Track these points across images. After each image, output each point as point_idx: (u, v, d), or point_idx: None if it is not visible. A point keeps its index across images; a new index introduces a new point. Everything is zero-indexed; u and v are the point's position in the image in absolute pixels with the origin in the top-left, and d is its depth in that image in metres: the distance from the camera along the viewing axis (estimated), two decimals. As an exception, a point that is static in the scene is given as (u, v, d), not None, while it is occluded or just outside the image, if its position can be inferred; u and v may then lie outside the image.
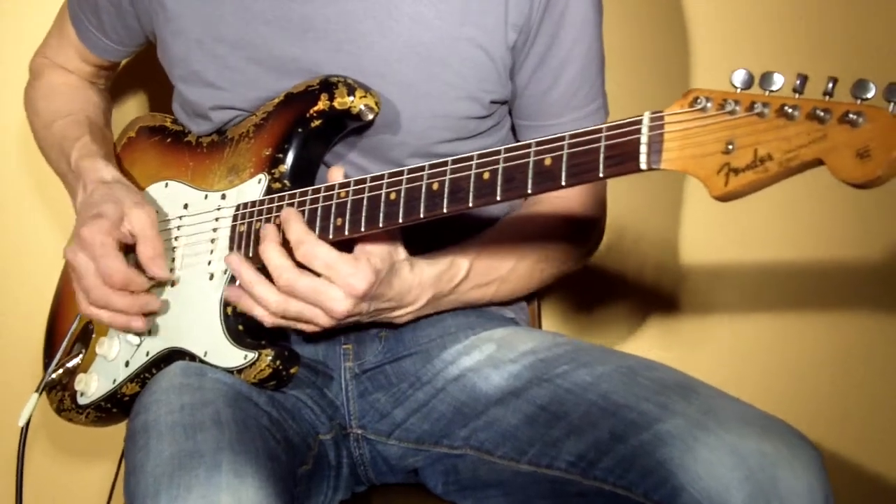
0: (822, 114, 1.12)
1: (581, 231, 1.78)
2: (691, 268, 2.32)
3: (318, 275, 1.50)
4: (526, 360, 1.63)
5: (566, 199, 1.75)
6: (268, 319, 1.54)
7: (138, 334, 1.70)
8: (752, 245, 2.30)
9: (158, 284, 1.68)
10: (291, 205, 1.56)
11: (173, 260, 1.70)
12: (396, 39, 1.63)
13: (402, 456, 1.71)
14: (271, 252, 1.52)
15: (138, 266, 1.65)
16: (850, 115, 1.10)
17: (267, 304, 1.52)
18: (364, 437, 1.73)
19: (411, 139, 1.66)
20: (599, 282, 2.30)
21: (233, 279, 1.61)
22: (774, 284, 2.33)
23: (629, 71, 2.02)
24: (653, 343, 2.29)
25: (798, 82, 1.16)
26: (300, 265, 1.51)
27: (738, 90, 1.19)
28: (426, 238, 1.65)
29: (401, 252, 1.55)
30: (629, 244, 2.26)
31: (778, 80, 1.18)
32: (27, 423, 1.75)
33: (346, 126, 1.64)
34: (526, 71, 1.69)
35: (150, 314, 1.67)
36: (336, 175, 1.54)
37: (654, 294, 2.34)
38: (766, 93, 1.17)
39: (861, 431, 2.34)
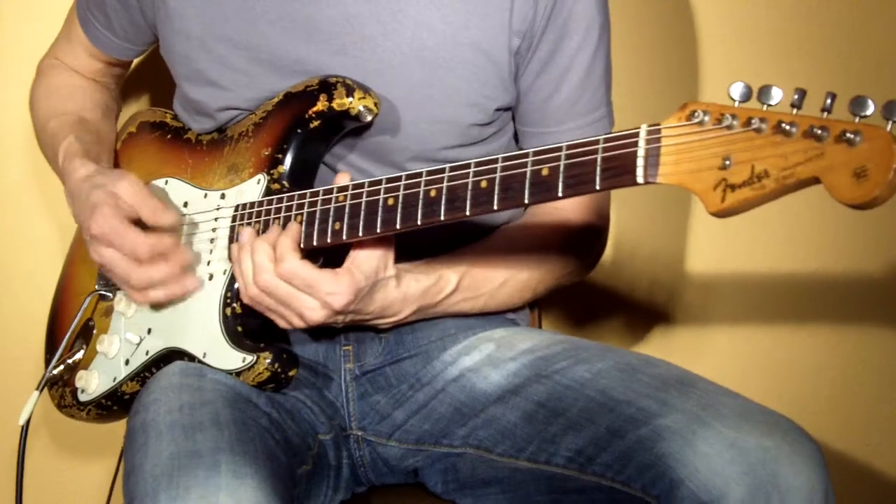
0: (819, 131, 1.10)
1: (580, 243, 1.76)
2: (692, 278, 2.32)
3: None
4: (525, 358, 1.63)
5: (565, 210, 1.74)
6: (244, 298, 1.56)
7: (138, 334, 1.70)
8: (752, 255, 2.30)
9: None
10: (290, 207, 1.56)
11: None
12: (400, 42, 1.62)
13: (403, 457, 1.71)
14: (260, 250, 1.52)
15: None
16: (848, 134, 1.08)
17: (244, 287, 1.54)
18: (364, 438, 1.73)
19: (412, 143, 1.65)
20: (600, 294, 2.30)
21: (233, 280, 1.61)
22: (775, 293, 2.33)
23: (632, 77, 2.01)
24: (654, 352, 2.28)
25: (796, 97, 1.14)
26: None
27: (737, 104, 1.18)
28: (427, 241, 1.64)
29: (389, 268, 1.54)
30: (630, 256, 2.26)
31: (776, 95, 1.16)
32: (28, 421, 1.75)
33: (344, 127, 1.63)
34: (528, 77, 1.67)
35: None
36: (342, 180, 1.53)
37: (655, 304, 2.34)
38: (765, 107, 1.16)
39: (862, 434, 2.35)
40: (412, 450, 1.70)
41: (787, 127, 1.12)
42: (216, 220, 1.66)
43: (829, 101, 1.12)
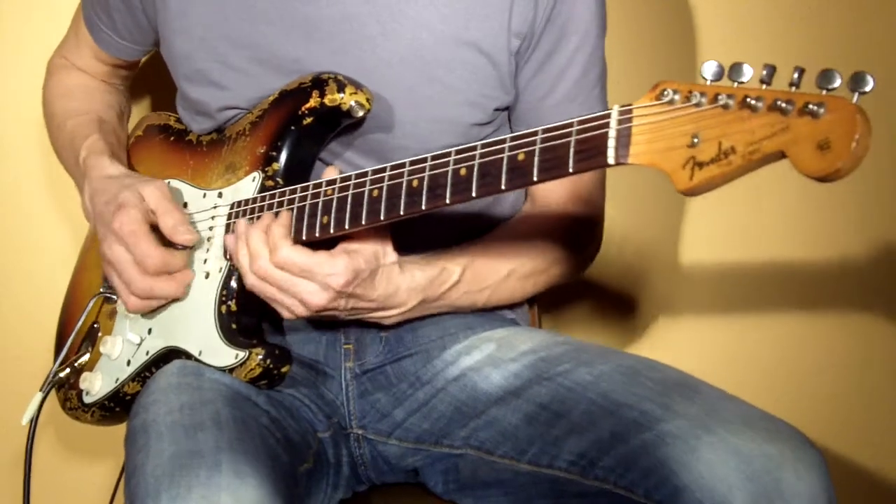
0: (784, 105, 1.09)
1: (575, 236, 1.76)
2: (691, 272, 2.31)
3: None
4: (526, 359, 1.62)
5: (558, 203, 1.74)
6: (246, 286, 1.56)
7: (139, 334, 1.72)
8: (752, 249, 2.29)
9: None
10: (282, 203, 1.56)
11: None
12: (399, 42, 1.63)
13: (403, 456, 1.71)
14: (254, 237, 1.53)
15: (166, 244, 1.65)
16: (811, 106, 1.07)
17: (244, 275, 1.54)
18: (364, 436, 1.73)
19: (412, 143, 1.65)
20: (598, 288, 2.29)
21: (228, 278, 1.62)
22: (775, 287, 2.31)
23: (632, 77, 2.01)
24: (653, 348, 2.29)
25: (765, 73, 1.14)
26: None
27: (708, 82, 1.17)
28: (429, 239, 1.66)
29: (389, 255, 1.54)
30: (629, 249, 2.25)
31: (747, 72, 1.15)
32: (34, 422, 1.76)
33: (338, 123, 1.64)
34: (525, 76, 1.68)
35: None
36: (331, 174, 1.54)
37: (655, 302, 2.34)
38: (735, 84, 1.15)
39: (862, 434, 2.33)
40: (412, 449, 1.70)
41: (753, 102, 1.11)
42: (213, 218, 1.68)
43: (796, 75, 1.12)
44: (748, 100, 1.11)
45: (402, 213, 1.43)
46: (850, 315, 2.28)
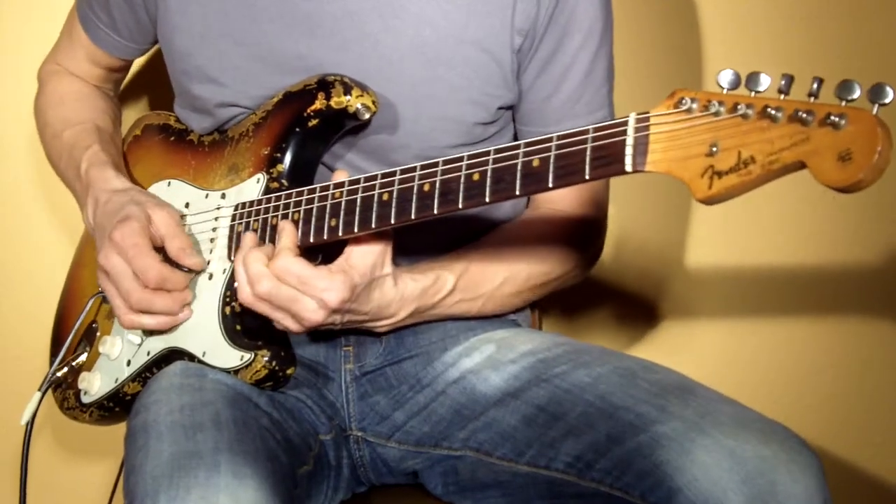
0: (804, 115, 1.10)
1: (580, 238, 1.75)
2: (690, 274, 2.32)
3: None
4: (525, 360, 1.62)
5: (563, 205, 1.74)
6: (243, 299, 1.54)
7: (139, 334, 1.71)
8: (751, 251, 2.30)
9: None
10: (288, 205, 1.56)
11: None
12: (401, 39, 1.62)
13: (402, 458, 1.71)
14: (252, 259, 1.52)
15: (171, 265, 1.64)
16: (832, 117, 1.08)
17: (240, 290, 1.53)
18: (364, 438, 1.73)
19: (413, 141, 1.65)
20: (599, 291, 2.29)
21: (232, 279, 1.61)
22: (774, 290, 2.32)
23: (632, 78, 2.01)
24: (656, 352, 2.29)
25: (783, 83, 1.14)
26: None
27: (725, 91, 1.18)
28: (429, 242, 1.66)
29: (386, 266, 1.53)
30: (630, 252, 2.25)
31: (764, 81, 1.16)
32: (31, 422, 1.75)
33: (343, 125, 1.63)
34: (529, 75, 1.67)
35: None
36: (339, 178, 1.53)
37: (656, 303, 2.34)
38: (752, 93, 1.16)
39: (859, 436, 2.34)
40: (412, 451, 1.70)
41: (773, 112, 1.12)
42: (216, 219, 1.67)
43: (815, 85, 1.12)
44: (768, 110, 1.12)
45: (413, 217, 1.43)
46: (850, 316, 2.29)
